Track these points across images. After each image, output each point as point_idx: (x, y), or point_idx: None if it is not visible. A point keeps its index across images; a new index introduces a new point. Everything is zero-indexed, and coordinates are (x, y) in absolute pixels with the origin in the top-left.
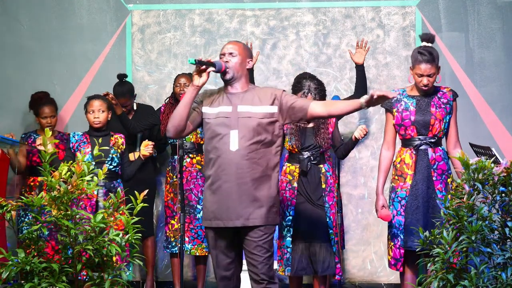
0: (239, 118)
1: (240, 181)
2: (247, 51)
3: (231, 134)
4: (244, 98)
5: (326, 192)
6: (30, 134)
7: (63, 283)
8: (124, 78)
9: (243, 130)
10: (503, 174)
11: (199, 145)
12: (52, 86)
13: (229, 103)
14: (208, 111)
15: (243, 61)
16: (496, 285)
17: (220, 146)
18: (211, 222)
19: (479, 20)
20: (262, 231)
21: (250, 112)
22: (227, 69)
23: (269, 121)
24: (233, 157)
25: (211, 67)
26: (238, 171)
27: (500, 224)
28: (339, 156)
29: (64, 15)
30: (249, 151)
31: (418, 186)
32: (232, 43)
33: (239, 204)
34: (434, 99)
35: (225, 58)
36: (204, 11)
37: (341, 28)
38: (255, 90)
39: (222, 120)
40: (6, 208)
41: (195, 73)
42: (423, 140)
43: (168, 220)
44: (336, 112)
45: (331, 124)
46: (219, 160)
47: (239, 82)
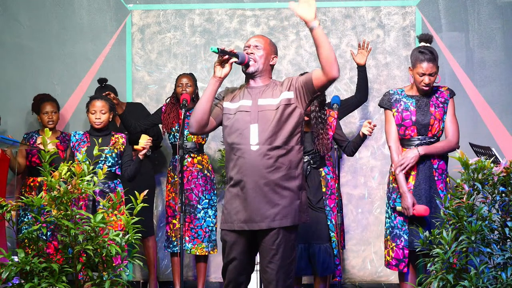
0: (259, 112)
1: (262, 180)
2: (272, 46)
3: (251, 128)
4: (265, 92)
5: (327, 195)
6: (32, 135)
7: (63, 283)
8: (104, 82)
9: (264, 124)
10: (503, 174)
11: (200, 145)
12: (52, 86)
13: (250, 97)
14: (229, 106)
15: (268, 56)
16: (496, 285)
17: (240, 141)
18: (232, 225)
19: (479, 20)
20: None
21: (271, 105)
22: (250, 62)
23: (289, 110)
24: (255, 154)
25: (234, 57)
26: (260, 170)
27: (500, 224)
28: (348, 154)
29: (64, 15)
30: (270, 147)
31: (421, 186)
32: (258, 36)
33: (262, 207)
34: (433, 98)
35: (249, 50)
36: (204, 11)
37: (341, 28)
38: (276, 83)
39: (242, 115)
40: (6, 208)
41: (217, 64)
42: (422, 140)
43: (169, 220)
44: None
45: (331, 128)
46: (241, 159)
47: (261, 77)
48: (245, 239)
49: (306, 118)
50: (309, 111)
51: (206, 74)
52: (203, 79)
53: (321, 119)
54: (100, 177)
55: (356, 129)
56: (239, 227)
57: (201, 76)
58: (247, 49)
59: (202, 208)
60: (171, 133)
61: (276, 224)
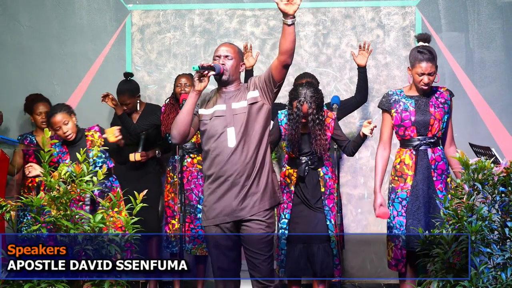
0: (234, 116)
1: (240, 176)
2: (240, 54)
3: (228, 131)
4: (237, 96)
5: (325, 196)
6: (26, 136)
7: (63, 283)
8: (129, 77)
9: (239, 126)
10: (503, 174)
11: (199, 145)
12: (52, 86)
13: (223, 102)
14: (204, 112)
15: (238, 65)
16: (496, 285)
17: (219, 144)
18: (215, 220)
19: (479, 20)
20: (263, 223)
21: (242, 107)
22: (224, 71)
23: (257, 107)
24: (232, 154)
25: (212, 71)
26: (238, 168)
27: (499, 224)
28: (348, 154)
29: (64, 15)
30: (246, 146)
31: (419, 187)
32: (226, 45)
33: (242, 198)
34: (432, 99)
35: (221, 60)
36: (204, 11)
37: (341, 28)
38: (245, 86)
39: (218, 119)
40: (6, 208)
41: (196, 79)
42: (422, 141)
43: (168, 220)
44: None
45: (329, 128)
46: (218, 158)
47: (233, 84)
48: (229, 232)
49: (304, 120)
50: (307, 113)
51: None
52: None
53: (318, 121)
54: (100, 177)
55: (356, 129)
56: (222, 220)
57: None
58: (218, 59)
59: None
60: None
61: (255, 210)
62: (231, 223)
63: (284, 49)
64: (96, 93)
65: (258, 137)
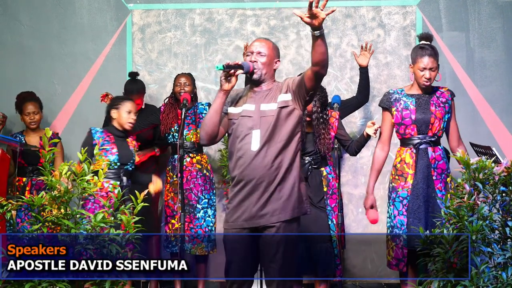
0: (261, 118)
1: (261, 179)
2: (275, 50)
3: (253, 133)
4: (267, 96)
5: (328, 195)
6: (16, 135)
7: (63, 283)
8: (136, 76)
9: (265, 129)
10: (503, 173)
11: (199, 144)
12: (52, 86)
13: (253, 102)
14: (233, 111)
15: (271, 62)
16: (497, 285)
17: (242, 146)
18: (233, 224)
19: (479, 19)
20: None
21: (271, 110)
22: (255, 70)
23: (287, 111)
24: (255, 157)
25: (239, 69)
26: (259, 172)
27: (500, 224)
28: (350, 154)
29: (64, 15)
30: (270, 151)
31: (419, 186)
32: (261, 40)
33: (262, 205)
34: (433, 98)
35: (252, 57)
36: (205, 10)
37: (341, 27)
38: (278, 86)
39: (245, 120)
40: (6, 208)
41: (222, 78)
42: (422, 139)
43: (168, 220)
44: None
45: (333, 128)
46: (241, 160)
47: (265, 82)
48: (247, 238)
49: (308, 119)
50: (311, 111)
51: (206, 73)
52: (204, 78)
53: (322, 120)
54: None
55: (357, 129)
56: (240, 225)
57: (202, 75)
58: (250, 55)
59: (202, 208)
60: (170, 133)
61: (275, 219)
62: (250, 228)
63: (315, 60)
64: (96, 93)
65: (283, 143)
